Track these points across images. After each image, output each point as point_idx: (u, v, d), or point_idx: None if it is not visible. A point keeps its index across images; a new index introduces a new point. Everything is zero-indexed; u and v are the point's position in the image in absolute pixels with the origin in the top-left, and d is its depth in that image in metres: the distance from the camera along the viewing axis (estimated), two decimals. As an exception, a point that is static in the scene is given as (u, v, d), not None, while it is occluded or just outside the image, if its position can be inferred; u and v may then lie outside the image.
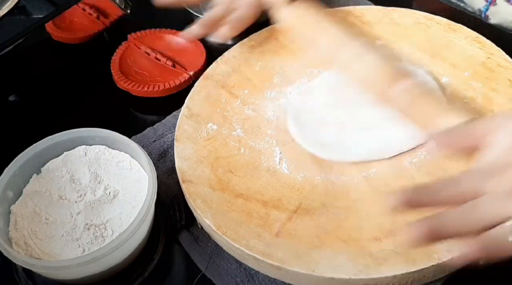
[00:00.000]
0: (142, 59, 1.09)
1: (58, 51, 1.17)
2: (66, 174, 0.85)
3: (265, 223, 0.77)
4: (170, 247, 0.84)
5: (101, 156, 0.86)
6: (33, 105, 1.10)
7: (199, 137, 0.89)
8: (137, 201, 0.81)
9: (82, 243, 0.78)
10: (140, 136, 0.97)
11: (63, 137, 0.85)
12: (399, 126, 0.84)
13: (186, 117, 0.91)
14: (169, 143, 0.95)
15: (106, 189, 0.83)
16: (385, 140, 0.84)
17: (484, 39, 0.93)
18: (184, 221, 0.85)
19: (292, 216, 0.78)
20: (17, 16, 1.04)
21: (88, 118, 1.04)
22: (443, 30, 0.96)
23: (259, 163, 0.85)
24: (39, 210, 0.81)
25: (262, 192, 0.81)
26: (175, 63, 1.07)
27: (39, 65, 1.18)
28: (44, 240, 0.78)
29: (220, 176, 0.84)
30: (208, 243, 0.83)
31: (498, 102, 0.85)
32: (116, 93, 1.05)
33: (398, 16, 1.00)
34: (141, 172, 0.83)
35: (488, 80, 0.88)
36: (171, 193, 0.88)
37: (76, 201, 0.83)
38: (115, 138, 0.85)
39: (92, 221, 0.80)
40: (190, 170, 0.84)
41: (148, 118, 1.02)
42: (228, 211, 0.79)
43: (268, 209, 0.79)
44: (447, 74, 0.90)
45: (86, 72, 1.12)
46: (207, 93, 0.95)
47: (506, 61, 0.89)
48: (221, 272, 0.81)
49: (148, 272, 0.81)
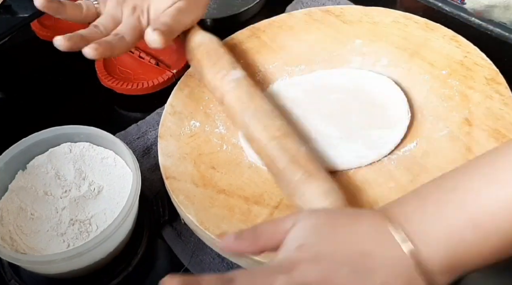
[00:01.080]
0: (126, 57, 1.09)
1: (44, 50, 1.17)
2: (51, 170, 0.85)
3: (247, 219, 0.78)
4: (154, 242, 0.85)
5: (86, 153, 0.87)
6: (19, 102, 1.10)
7: (182, 134, 0.89)
8: (121, 197, 0.82)
9: (67, 238, 0.79)
10: (124, 133, 0.98)
11: (49, 134, 0.86)
12: (375, 131, 0.85)
13: (169, 115, 0.92)
14: (152, 140, 0.96)
15: (90, 185, 0.84)
16: (364, 148, 0.84)
17: (461, 38, 0.94)
18: (167, 217, 0.86)
19: (273, 211, 0.79)
20: (3, 15, 1.05)
21: (73, 115, 1.04)
22: (421, 29, 0.97)
23: (241, 160, 0.86)
24: (25, 206, 0.82)
25: (244, 188, 0.82)
26: (158, 62, 1.08)
27: (25, 63, 1.18)
28: (29, 235, 0.79)
29: (203, 172, 0.84)
30: (191, 238, 0.84)
31: (475, 99, 0.86)
32: (100, 91, 1.06)
33: (377, 15, 1.01)
34: (125, 168, 0.84)
35: (465, 78, 0.89)
36: (154, 189, 0.89)
37: (61, 197, 0.83)
38: (99, 135, 0.86)
39: (77, 216, 0.81)
40: (173, 166, 0.85)
41: (132, 116, 1.03)
42: (210, 206, 0.80)
43: (250, 205, 0.80)
44: (425, 72, 0.91)
45: (71, 71, 1.12)
46: (190, 91, 0.95)
47: (482, 60, 0.90)
48: (204, 266, 0.82)
49: (132, 267, 0.82)
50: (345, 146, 0.84)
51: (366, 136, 0.85)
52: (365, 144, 0.84)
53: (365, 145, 0.84)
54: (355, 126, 0.86)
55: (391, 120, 0.86)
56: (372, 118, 0.87)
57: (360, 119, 0.87)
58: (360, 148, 0.84)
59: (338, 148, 0.84)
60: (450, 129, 0.83)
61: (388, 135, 0.84)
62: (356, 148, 0.84)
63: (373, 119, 0.87)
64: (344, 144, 0.85)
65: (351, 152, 0.84)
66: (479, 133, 0.82)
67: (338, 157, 0.83)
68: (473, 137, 0.82)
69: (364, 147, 0.84)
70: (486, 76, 0.88)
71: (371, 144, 0.84)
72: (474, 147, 0.81)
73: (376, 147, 0.83)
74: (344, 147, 0.84)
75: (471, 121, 0.84)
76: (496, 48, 1.00)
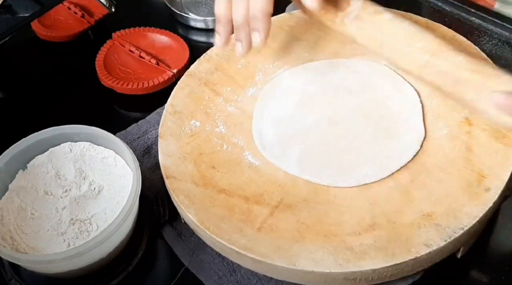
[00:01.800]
0: (126, 57, 1.10)
1: (44, 49, 1.17)
2: (51, 170, 0.86)
3: (247, 218, 0.78)
4: (154, 241, 0.85)
5: (86, 153, 0.87)
6: (19, 102, 1.10)
7: (182, 134, 0.89)
8: (121, 197, 0.82)
9: (67, 238, 0.79)
10: (124, 132, 0.98)
11: (49, 134, 0.86)
12: (390, 141, 0.85)
13: (169, 114, 0.92)
14: (153, 139, 0.96)
15: (91, 184, 0.84)
16: (380, 160, 0.83)
17: (462, 38, 0.94)
18: (167, 216, 0.86)
19: (273, 211, 0.79)
20: (3, 15, 1.04)
21: (73, 115, 1.04)
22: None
23: (241, 159, 0.86)
24: (25, 205, 0.82)
25: (244, 187, 0.82)
26: (158, 61, 1.08)
27: (25, 63, 1.18)
28: (30, 235, 0.79)
29: (203, 172, 0.84)
30: (191, 238, 0.84)
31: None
32: (100, 91, 1.06)
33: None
34: (125, 168, 0.84)
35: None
36: (155, 188, 0.89)
37: (61, 196, 0.83)
38: (99, 134, 0.86)
39: (77, 216, 0.81)
40: (173, 166, 0.85)
41: (132, 115, 1.03)
42: (211, 206, 0.80)
43: (250, 204, 0.80)
44: (426, 72, 0.91)
45: (71, 70, 1.12)
46: (190, 91, 0.95)
47: (483, 60, 0.90)
48: (204, 266, 0.82)
49: (132, 266, 0.82)
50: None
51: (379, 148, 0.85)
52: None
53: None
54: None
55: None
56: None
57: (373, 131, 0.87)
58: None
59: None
60: (450, 129, 0.84)
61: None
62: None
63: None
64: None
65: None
66: (479, 132, 0.82)
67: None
68: (473, 137, 0.82)
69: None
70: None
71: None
72: (474, 147, 0.81)
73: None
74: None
75: (471, 120, 0.84)
76: (497, 47, 1.00)
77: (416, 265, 0.73)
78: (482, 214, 0.74)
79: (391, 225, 0.75)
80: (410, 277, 0.78)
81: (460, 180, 0.78)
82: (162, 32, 1.14)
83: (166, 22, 1.14)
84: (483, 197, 0.76)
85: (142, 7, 1.27)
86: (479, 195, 0.76)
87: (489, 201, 0.75)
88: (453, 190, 0.77)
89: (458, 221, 0.74)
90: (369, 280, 0.73)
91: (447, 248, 0.73)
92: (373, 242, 0.74)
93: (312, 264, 0.72)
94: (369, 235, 0.74)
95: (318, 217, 0.78)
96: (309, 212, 0.79)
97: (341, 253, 0.73)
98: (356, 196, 0.80)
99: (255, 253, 0.74)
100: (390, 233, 0.74)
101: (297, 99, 0.92)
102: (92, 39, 1.19)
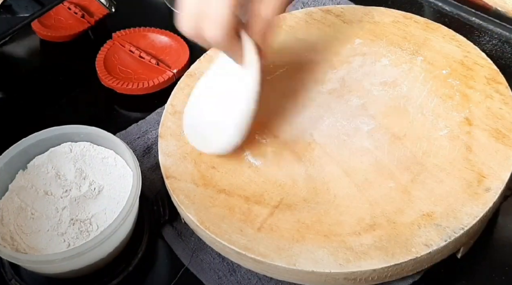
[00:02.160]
0: (126, 57, 1.10)
1: (44, 49, 1.17)
2: (51, 170, 0.85)
3: (247, 218, 0.78)
4: (154, 241, 0.85)
5: (86, 153, 0.86)
6: (19, 102, 1.10)
7: (182, 134, 0.89)
8: (121, 197, 0.82)
9: (67, 238, 0.79)
10: (124, 132, 0.98)
11: (49, 134, 0.86)
12: None
13: (169, 114, 0.92)
14: (153, 139, 0.96)
15: (91, 184, 0.84)
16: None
17: (461, 38, 0.94)
18: (167, 216, 0.86)
19: (273, 211, 0.79)
20: (3, 15, 1.04)
21: (73, 115, 1.05)
22: (421, 29, 0.97)
23: (241, 159, 0.86)
24: (25, 206, 0.82)
25: (244, 187, 0.82)
26: (159, 61, 1.08)
27: (25, 63, 1.18)
28: (30, 235, 0.79)
29: (203, 172, 0.84)
30: (191, 238, 0.84)
31: (475, 99, 0.86)
32: (101, 91, 1.06)
33: (377, 15, 1.01)
34: (125, 168, 0.84)
35: (466, 77, 0.89)
36: (155, 188, 0.89)
37: (61, 196, 0.83)
38: (100, 134, 0.86)
39: (77, 216, 0.81)
40: (173, 166, 0.85)
41: (132, 115, 1.03)
42: (211, 206, 0.80)
43: (250, 204, 0.80)
44: (426, 72, 0.91)
45: (71, 70, 1.12)
46: (191, 91, 0.95)
47: (483, 59, 0.90)
48: (204, 266, 0.82)
49: (132, 267, 0.82)
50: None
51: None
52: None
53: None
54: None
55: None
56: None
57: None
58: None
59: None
60: (450, 129, 0.84)
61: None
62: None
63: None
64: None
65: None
66: (479, 132, 0.82)
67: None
68: (473, 137, 0.82)
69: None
70: (486, 75, 0.88)
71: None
72: (474, 147, 0.81)
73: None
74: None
75: (471, 120, 0.84)
76: (497, 47, 1.00)
77: (416, 265, 0.73)
78: (482, 214, 0.74)
79: (391, 225, 0.75)
80: (410, 277, 0.77)
81: (460, 180, 0.78)
82: (162, 32, 1.14)
83: (166, 22, 1.13)
84: (483, 197, 0.76)
85: (142, 7, 1.27)
86: (479, 195, 0.76)
87: (489, 201, 0.75)
88: (453, 190, 0.77)
89: (458, 221, 0.74)
90: (369, 280, 0.73)
91: (447, 248, 0.73)
92: (373, 242, 0.73)
93: (312, 264, 0.72)
94: (369, 235, 0.74)
95: (318, 217, 0.78)
96: (309, 212, 0.78)
97: (341, 253, 0.73)
98: (356, 196, 0.79)
99: (255, 253, 0.74)
100: (390, 233, 0.74)
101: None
102: (92, 39, 1.19)
